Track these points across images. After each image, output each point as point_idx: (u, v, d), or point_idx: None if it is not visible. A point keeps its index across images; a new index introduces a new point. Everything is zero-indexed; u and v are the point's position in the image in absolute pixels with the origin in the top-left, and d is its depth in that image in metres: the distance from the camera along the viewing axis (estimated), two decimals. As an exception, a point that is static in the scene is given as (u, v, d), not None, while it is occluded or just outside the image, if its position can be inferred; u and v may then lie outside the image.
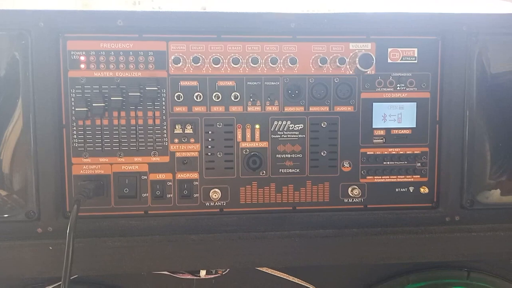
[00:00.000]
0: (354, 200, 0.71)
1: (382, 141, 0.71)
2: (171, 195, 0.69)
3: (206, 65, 0.67)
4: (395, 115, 0.70)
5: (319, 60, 0.68)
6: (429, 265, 0.78)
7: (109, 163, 0.67)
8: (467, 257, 0.74)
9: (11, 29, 0.64)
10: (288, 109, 0.69)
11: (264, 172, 0.70)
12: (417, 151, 0.71)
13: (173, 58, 0.66)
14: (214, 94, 0.68)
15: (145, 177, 0.68)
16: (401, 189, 0.72)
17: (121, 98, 0.66)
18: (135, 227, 0.68)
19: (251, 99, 0.69)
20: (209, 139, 0.69)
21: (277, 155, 0.70)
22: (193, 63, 0.66)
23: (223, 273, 0.75)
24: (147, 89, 0.66)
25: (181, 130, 0.68)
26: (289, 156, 0.70)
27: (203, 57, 0.67)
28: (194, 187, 0.69)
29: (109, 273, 0.71)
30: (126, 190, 0.68)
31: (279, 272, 0.76)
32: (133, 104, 0.66)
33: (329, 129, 0.70)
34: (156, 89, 0.66)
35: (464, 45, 0.69)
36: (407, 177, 0.71)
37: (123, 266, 0.67)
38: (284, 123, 0.69)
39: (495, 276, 0.80)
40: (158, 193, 0.68)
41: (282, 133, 0.70)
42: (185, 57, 0.67)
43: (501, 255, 0.75)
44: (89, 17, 0.65)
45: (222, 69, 0.68)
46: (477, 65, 0.70)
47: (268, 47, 0.68)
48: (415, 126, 0.71)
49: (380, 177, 0.71)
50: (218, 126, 0.69)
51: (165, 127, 0.68)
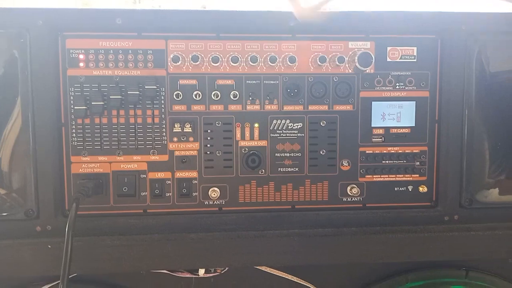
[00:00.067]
0: (353, 199, 0.71)
1: (381, 140, 0.71)
2: (170, 194, 0.69)
3: (205, 64, 0.67)
4: (394, 114, 0.70)
5: (318, 59, 0.68)
6: (428, 264, 0.78)
7: (108, 161, 0.67)
8: (465, 256, 0.74)
9: (10, 27, 0.63)
10: (287, 108, 0.69)
11: (263, 171, 0.70)
12: (416, 150, 0.71)
13: (172, 56, 0.66)
14: (213, 92, 0.68)
15: (144, 176, 0.68)
16: (400, 188, 0.72)
17: (120, 96, 0.66)
18: (134, 225, 0.68)
19: (250, 98, 0.69)
20: (208, 138, 0.69)
21: (276, 154, 0.70)
22: (192, 62, 0.66)
23: (222, 272, 0.75)
24: (146, 87, 0.66)
25: (180, 128, 0.68)
26: (288, 155, 0.70)
27: (202, 55, 0.67)
28: (193, 186, 0.69)
29: (108, 271, 0.71)
30: (125, 188, 0.68)
31: (278, 271, 0.76)
32: (132, 102, 0.66)
33: (328, 128, 0.70)
34: (155, 87, 0.66)
35: (463, 44, 0.69)
36: (406, 176, 0.71)
37: (122, 264, 0.67)
38: (283, 122, 0.69)
39: (493, 275, 0.80)
40: (157, 191, 0.68)
41: (281, 132, 0.70)
42: (184, 55, 0.67)
43: (499, 254, 0.75)
44: (88, 16, 0.64)
45: (221, 68, 0.68)
46: (476, 64, 0.70)
47: (267, 45, 0.68)
48: (414, 125, 0.71)
49: (379, 176, 0.71)
50: (217, 124, 0.69)
51: (164, 126, 0.68)
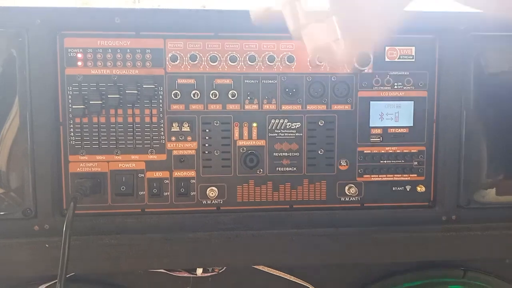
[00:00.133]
0: (351, 198, 0.71)
1: (379, 139, 0.71)
2: (168, 193, 0.69)
3: (203, 63, 0.67)
4: (392, 114, 0.70)
5: (316, 58, 0.67)
6: (426, 263, 0.78)
7: (106, 160, 0.67)
8: (463, 256, 0.74)
9: (8, 27, 0.63)
10: (285, 108, 0.69)
11: (261, 170, 0.70)
12: (414, 149, 0.71)
13: (170, 55, 0.66)
14: (211, 92, 0.68)
15: (142, 175, 0.68)
16: (398, 188, 0.72)
17: (118, 95, 0.66)
18: (132, 225, 0.67)
19: (249, 97, 0.69)
20: (206, 137, 0.68)
21: (274, 154, 0.70)
22: (190, 61, 0.66)
23: (220, 271, 0.75)
24: (144, 86, 0.66)
25: (178, 128, 0.68)
26: (286, 154, 0.70)
27: (201, 55, 0.67)
28: (191, 185, 0.69)
29: (106, 271, 0.71)
30: (123, 188, 0.68)
31: (276, 270, 0.76)
32: (130, 101, 0.66)
33: (326, 128, 0.70)
34: (153, 86, 0.66)
35: (461, 44, 0.69)
36: (404, 176, 0.71)
37: (120, 264, 0.67)
38: (281, 121, 0.69)
39: (491, 275, 0.80)
40: (155, 191, 0.68)
41: (279, 131, 0.70)
42: (182, 54, 0.67)
43: (497, 254, 0.75)
44: (86, 15, 0.64)
45: (219, 67, 0.68)
46: (475, 64, 0.70)
47: (265, 45, 0.68)
48: (412, 125, 0.71)
49: (377, 176, 0.71)
50: (215, 124, 0.68)
51: (162, 125, 0.68)
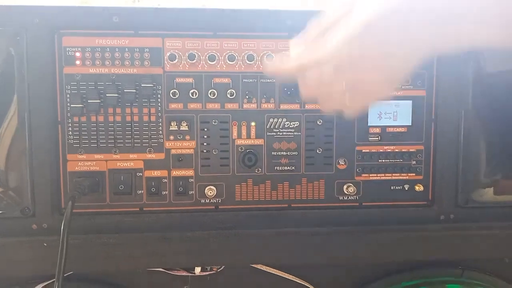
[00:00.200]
0: (349, 197, 0.71)
1: (377, 139, 0.71)
2: (166, 192, 0.69)
3: (201, 62, 0.67)
4: (390, 113, 0.70)
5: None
6: (424, 263, 0.78)
7: (104, 159, 0.67)
8: (461, 255, 0.74)
9: (6, 25, 0.63)
10: (284, 107, 0.69)
11: (259, 169, 0.70)
12: (412, 149, 0.71)
13: (168, 54, 0.66)
14: (209, 91, 0.68)
15: (140, 174, 0.68)
16: (396, 187, 0.72)
17: (116, 94, 0.66)
18: (130, 223, 0.67)
19: (247, 96, 0.69)
20: (205, 136, 0.68)
21: (273, 153, 0.70)
22: (188, 60, 0.66)
23: (218, 270, 0.75)
24: (142, 85, 0.66)
25: (176, 127, 0.68)
26: (284, 153, 0.70)
27: (199, 54, 0.67)
28: (189, 184, 0.69)
29: (104, 270, 0.71)
30: (121, 186, 0.68)
31: (274, 269, 0.76)
32: (129, 100, 0.66)
33: (325, 127, 0.70)
34: (151, 85, 0.66)
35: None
36: (402, 175, 0.71)
37: (118, 262, 0.67)
38: (279, 120, 0.69)
39: (489, 274, 0.80)
40: (153, 190, 0.68)
41: (277, 130, 0.70)
42: (180, 53, 0.67)
43: (496, 253, 0.75)
44: (84, 13, 0.64)
45: (218, 66, 0.68)
46: (473, 63, 0.70)
47: (264, 44, 0.68)
48: (410, 124, 0.71)
49: (375, 175, 0.71)
50: (213, 123, 0.68)
51: (160, 124, 0.68)
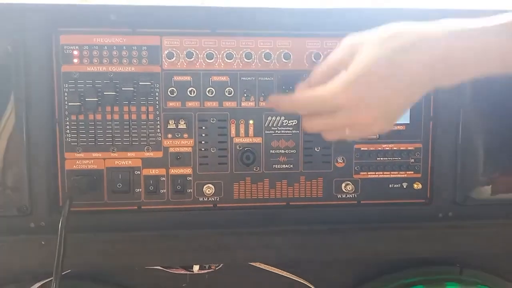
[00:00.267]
0: (347, 195, 0.71)
1: (375, 137, 0.70)
2: (165, 191, 0.69)
3: (199, 60, 0.67)
4: (389, 111, 0.70)
5: (313, 55, 0.67)
6: (422, 260, 0.78)
7: (102, 158, 0.67)
8: (460, 253, 0.74)
9: (4, 23, 0.63)
10: (282, 105, 0.69)
11: (257, 167, 0.70)
12: (410, 147, 0.71)
13: (166, 53, 0.66)
14: (207, 89, 0.68)
15: (139, 172, 0.68)
16: (395, 185, 0.72)
17: (114, 93, 0.65)
18: (128, 222, 0.67)
19: (245, 95, 0.68)
20: (203, 135, 0.68)
21: (271, 151, 0.70)
22: (186, 58, 0.66)
23: (216, 268, 0.75)
24: (140, 84, 0.66)
25: (174, 125, 0.68)
26: (282, 151, 0.70)
27: (197, 52, 0.67)
28: (187, 183, 0.69)
29: (102, 268, 0.71)
30: (119, 185, 0.67)
31: (272, 267, 0.76)
32: (127, 99, 0.66)
33: (323, 125, 0.70)
34: (149, 84, 0.66)
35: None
36: (401, 173, 0.71)
37: (116, 261, 0.67)
38: (278, 118, 0.69)
39: (488, 272, 0.80)
40: (151, 188, 0.68)
41: (276, 128, 0.69)
42: (178, 52, 0.67)
43: (494, 251, 0.76)
44: (82, 11, 0.64)
45: (216, 64, 0.67)
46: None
47: (262, 42, 0.68)
48: (408, 122, 0.70)
49: (373, 173, 0.71)
50: (211, 121, 0.68)
51: (158, 122, 0.67)
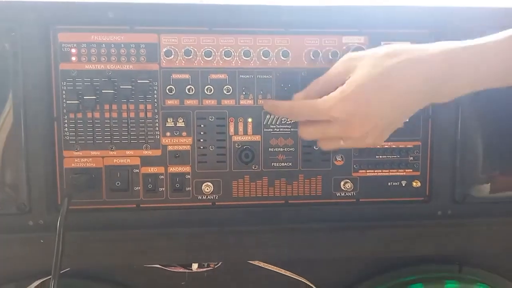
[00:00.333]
0: (346, 194, 0.71)
1: (374, 136, 0.70)
2: (163, 189, 0.68)
3: (198, 58, 0.67)
4: (387, 109, 0.70)
5: (311, 53, 0.67)
6: (421, 259, 0.78)
7: (100, 156, 0.67)
8: (459, 251, 0.74)
9: (1, 21, 0.63)
10: (280, 103, 0.69)
11: (256, 166, 0.70)
12: (409, 145, 0.71)
13: (164, 50, 0.66)
14: (206, 87, 0.67)
15: (137, 171, 0.68)
16: (394, 183, 0.71)
17: (112, 91, 0.65)
18: (127, 220, 0.67)
19: (244, 93, 0.68)
20: (201, 133, 0.68)
21: (270, 149, 0.69)
22: (185, 56, 0.66)
23: (215, 267, 0.75)
24: (138, 82, 0.66)
25: (173, 123, 0.68)
26: (281, 149, 0.70)
27: (195, 49, 0.67)
28: (186, 181, 0.69)
29: (101, 266, 0.71)
30: (118, 183, 0.67)
31: (271, 265, 0.76)
32: (125, 97, 0.66)
33: (322, 123, 0.70)
34: (147, 81, 0.66)
35: (457, 39, 0.68)
36: (400, 171, 0.71)
37: (115, 259, 0.67)
38: (276, 116, 0.69)
39: (487, 270, 0.80)
40: (150, 186, 0.68)
41: (274, 126, 0.69)
42: (177, 49, 0.66)
43: (493, 249, 0.76)
44: (79, 9, 0.64)
45: (214, 62, 0.67)
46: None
47: (260, 40, 0.67)
48: (407, 120, 0.70)
49: (372, 171, 0.71)
50: (210, 119, 0.68)
51: (157, 120, 0.67)
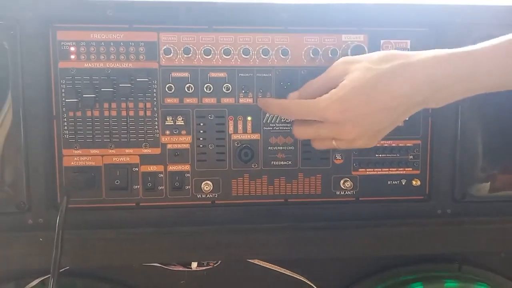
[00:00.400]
0: (346, 192, 0.71)
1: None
2: (163, 187, 0.68)
3: (197, 56, 0.67)
4: (387, 108, 0.70)
5: (311, 51, 0.67)
6: (421, 257, 0.78)
7: (100, 154, 0.67)
8: (458, 249, 0.74)
9: (0, 19, 0.63)
10: (280, 101, 0.69)
11: (256, 164, 0.69)
12: (409, 143, 0.71)
13: (164, 49, 0.66)
14: (205, 85, 0.67)
15: (136, 169, 0.68)
16: (393, 182, 0.71)
17: (111, 89, 0.65)
18: (126, 219, 0.67)
19: (243, 91, 0.68)
20: (201, 131, 0.68)
21: (269, 147, 0.69)
22: (184, 54, 0.66)
23: (215, 265, 0.75)
24: (138, 80, 0.65)
25: (172, 122, 0.67)
26: (281, 148, 0.70)
27: (195, 48, 0.66)
28: (185, 179, 0.69)
29: (100, 265, 0.71)
30: (117, 182, 0.67)
31: (270, 264, 0.76)
32: (124, 95, 0.66)
33: (321, 122, 0.69)
34: (147, 80, 0.66)
35: (457, 38, 0.68)
36: (399, 169, 0.71)
37: (114, 258, 0.67)
38: (276, 115, 0.69)
39: (486, 269, 0.80)
40: (149, 185, 0.68)
41: (274, 125, 0.69)
42: (176, 48, 0.66)
43: (493, 248, 0.76)
44: (78, 7, 0.64)
45: (213, 60, 0.67)
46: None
47: (260, 38, 0.67)
48: (407, 118, 0.70)
49: (372, 170, 0.71)
50: (209, 118, 0.68)
51: (156, 119, 0.67)
